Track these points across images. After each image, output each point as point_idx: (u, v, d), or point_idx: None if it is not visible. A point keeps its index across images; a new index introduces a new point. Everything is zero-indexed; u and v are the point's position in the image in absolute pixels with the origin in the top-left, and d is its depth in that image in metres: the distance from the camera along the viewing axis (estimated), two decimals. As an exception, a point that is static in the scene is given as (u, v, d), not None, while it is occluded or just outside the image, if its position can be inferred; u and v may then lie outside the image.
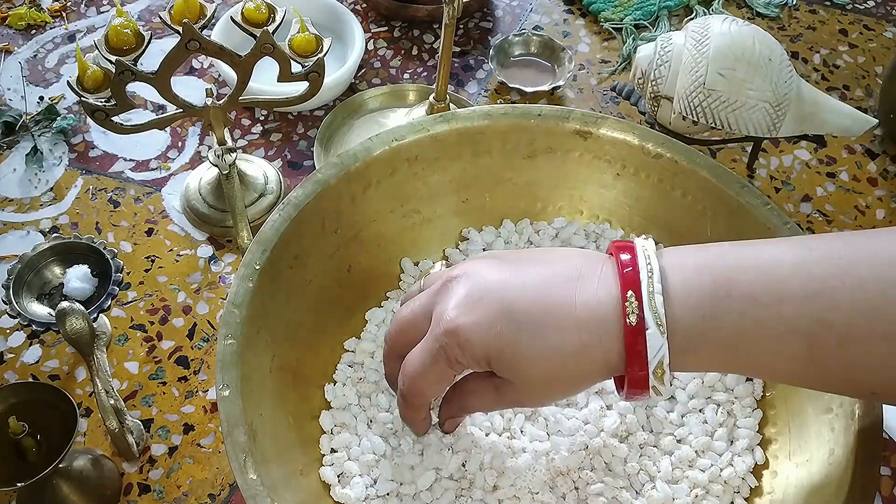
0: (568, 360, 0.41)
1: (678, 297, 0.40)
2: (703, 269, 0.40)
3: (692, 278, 0.40)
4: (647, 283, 0.40)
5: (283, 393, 0.53)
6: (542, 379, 0.42)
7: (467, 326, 0.41)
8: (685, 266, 0.41)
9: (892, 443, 0.61)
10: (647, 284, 0.40)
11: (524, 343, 0.41)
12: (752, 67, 0.67)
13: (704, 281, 0.40)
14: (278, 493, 0.45)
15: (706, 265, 0.41)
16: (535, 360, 0.41)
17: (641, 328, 0.39)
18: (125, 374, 0.63)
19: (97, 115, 0.60)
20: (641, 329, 0.39)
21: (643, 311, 0.40)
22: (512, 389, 0.43)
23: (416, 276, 0.62)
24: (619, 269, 0.41)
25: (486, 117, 0.61)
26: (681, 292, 0.40)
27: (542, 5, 0.93)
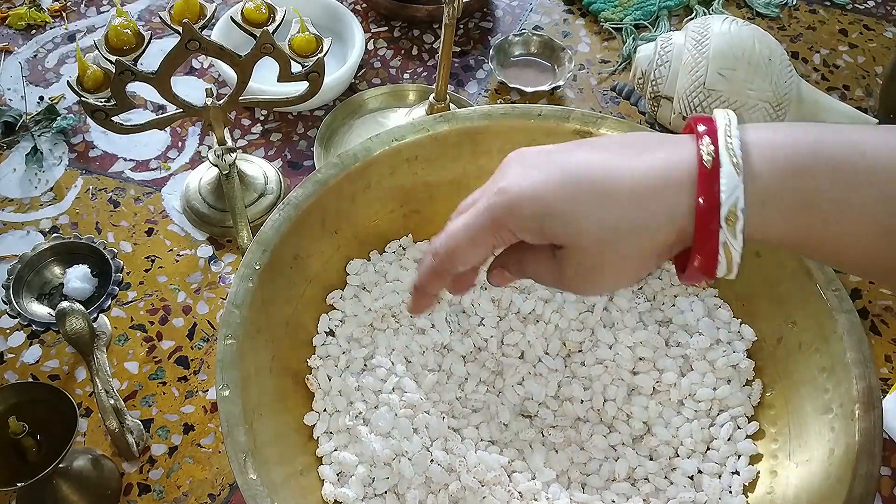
0: (631, 225, 0.37)
1: (757, 149, 0.37)
2: (786, 131, 0.38)
3: (773, 137, 0.37)
4: (724, 130, 0.37)
5: (283, 393, 0.53)
6: (598, 249, 0.38)
7: (520, 185, 0.39)
8: (767, 128, 0.38)
9: (892, 443, 0.61)
10: (725, 131, 0.37)
11: (583, 203, 0.38)
12: (752, 67, 0.67)
13: (786, 140, 0.37)
14: (278, 493, 0.45)
15: (790, 130, 0.38)
16: (595, 224, 0.38)
17: (716, 168, 0.36)
18: (125, 374, 0.63)
19: (97, 115, 0.60)
20: (716, 169, 0.36)
21: (718, 153, 0.36)
22: (568, 261, 0.40)
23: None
24: (695, 127, 0.38)
25: (486, 117, 0.61)
26: (761, 145, 0.37)
27: (542, 5, 0.93)
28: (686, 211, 0.37)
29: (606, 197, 0.38)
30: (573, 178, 0.38)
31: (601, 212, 0.38)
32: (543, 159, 0.40)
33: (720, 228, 0.36)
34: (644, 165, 0.38)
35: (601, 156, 0.39)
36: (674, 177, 0.37)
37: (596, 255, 0.39)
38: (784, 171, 0.37)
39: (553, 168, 0.39)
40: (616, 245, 0.38)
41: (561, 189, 0.38)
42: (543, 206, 0.38)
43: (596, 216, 0.38)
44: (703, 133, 0.38)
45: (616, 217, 0.38)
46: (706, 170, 0.37)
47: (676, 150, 0.38)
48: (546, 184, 0.38)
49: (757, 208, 0.37)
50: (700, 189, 0.37)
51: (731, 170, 0.36)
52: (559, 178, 0.38)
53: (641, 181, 0.37)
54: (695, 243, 0.37)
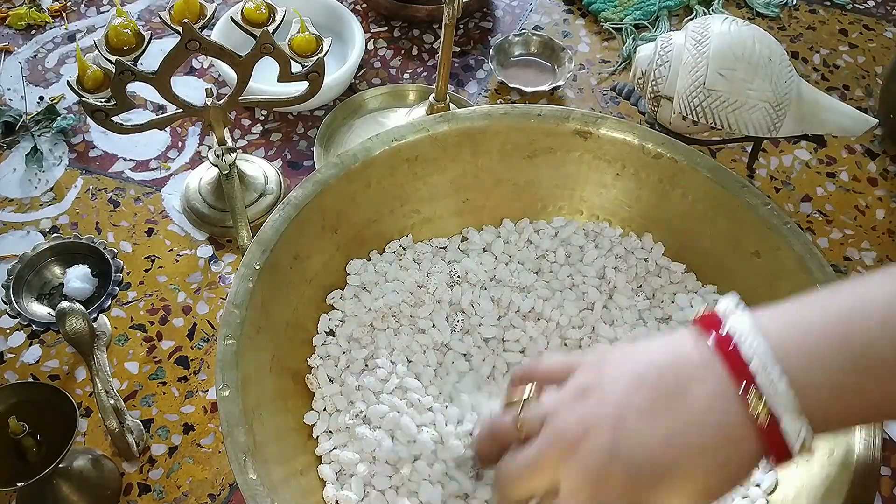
0: (715, 479, 0.39)
1: (800, 372, 0.37)
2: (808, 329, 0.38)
3: (805, 342, 0.38)
4: (762, 371, 0.37)
5: (283, 393, 0.53)
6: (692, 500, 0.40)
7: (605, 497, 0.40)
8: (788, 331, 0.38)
9: (892, 443, 0.61)
10: (763, 371, 0.37)
11: (664, 488, 0.39)
12: (752, 67, 0.67)
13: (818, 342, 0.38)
14: (278, 493, 0.45)
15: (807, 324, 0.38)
16: (677, 495, 0.39)
17: (775, 423, 0.37)
18: (125, 374, 0.63)
19: (97, 115, 0.60)
20: (775, 423, 0.37)
21: (768, 404, 0.37)
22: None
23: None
24: (721, 356, 0.39)
25: (486, 117, 0.61)
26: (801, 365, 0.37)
27: (542, 5, 0.93)
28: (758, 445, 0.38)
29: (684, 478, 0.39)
30: (642, 476, 0.39)
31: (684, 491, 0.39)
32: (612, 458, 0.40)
33: (793, 455, 0.38)
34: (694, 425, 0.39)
35: (652, 433, 0.39)
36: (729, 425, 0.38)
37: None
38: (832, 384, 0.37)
39: (623, 470, 0.39)
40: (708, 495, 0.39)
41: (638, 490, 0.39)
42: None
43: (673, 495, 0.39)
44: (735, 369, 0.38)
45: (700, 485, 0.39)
46: (763, 427, 0.37)
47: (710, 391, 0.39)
48: (622, 489, 0.39)
49: (821, 425, 0.38)
50: (764, 441, 0.38)
51: (790, 418, 0.37)
52: (630, 483, 0.39)
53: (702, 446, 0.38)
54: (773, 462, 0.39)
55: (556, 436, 0.42)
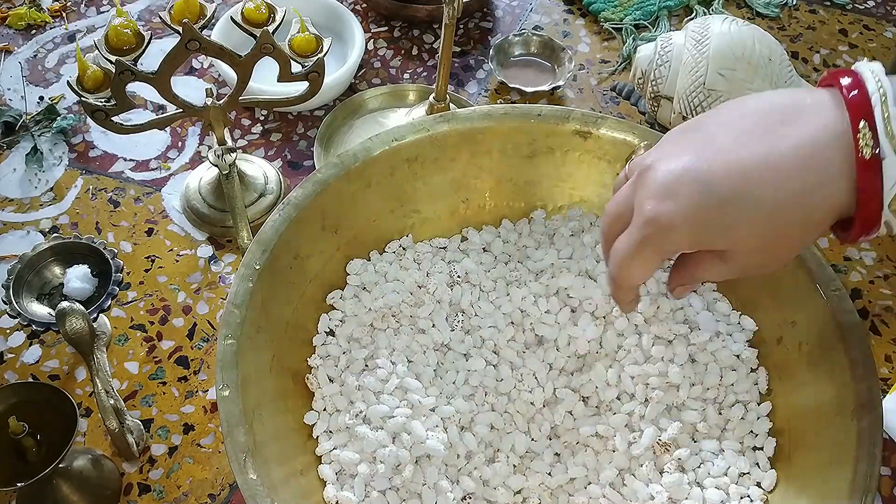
0: (785, 216, 0.37)
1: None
2: None
3: None
4: (880, 108, 0.35)
5: (283, 393, 0.53)
6: (762, 244, 0.39)
7: (667, 214, 0.39)
8: None
9: (892, 443, 0.61)
10: (882, 109, 0.35)
11: (731, 215, 0.38)
12: (752, 67, 0.67)
13: None
14: (278, 493, 0.45)
15: None
16: (749, 228, 0.38)
17: (877, 161, 0.35)
18: (125, 374, 0.63)
19: (97, 115, 0.60)
20: (878, 162, 0.35)
21: (878, 140, 0.35)
22: (736, 258, 0.40)
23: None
24: (844, 95, 0.37)
25: (486, 117, 0.61)
26: None
27: (542, 5, 0.93)
28: (844, 199, 0.37)
29: (754, 204, 0.38)
30: (716, 196, 0.38)
31: (752, 220, 0.38)
32: (682, 174, 0.39)
33: (883, 213, 0.36)
34: (786, 150, 0.37)
35: (737, 154, 0.38)
36: (823, 161, 0.36)
37: (760, 251, 0.39)
38: None
39: (693, 188, 0.39)
40: (777, 236, 0.38)
41: (707, 212, 0.38)
42: (695, 233, 0.39)
43: (747, 226, 0.38)
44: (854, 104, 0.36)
45: (771, 216, 0.38)
46: (865, 161, 0.36)
47: (819, 124, 0.37)
48: (690, 209, 0.39)
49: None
50: (860, 178, 0.36)
51: (894, 158, 0.35)
52: (699, 202, 0.38)
53: (787, 173, 0.37)
54: (856, 227, 0.37)
55: (639, 163, 0.42)
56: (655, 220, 0.40)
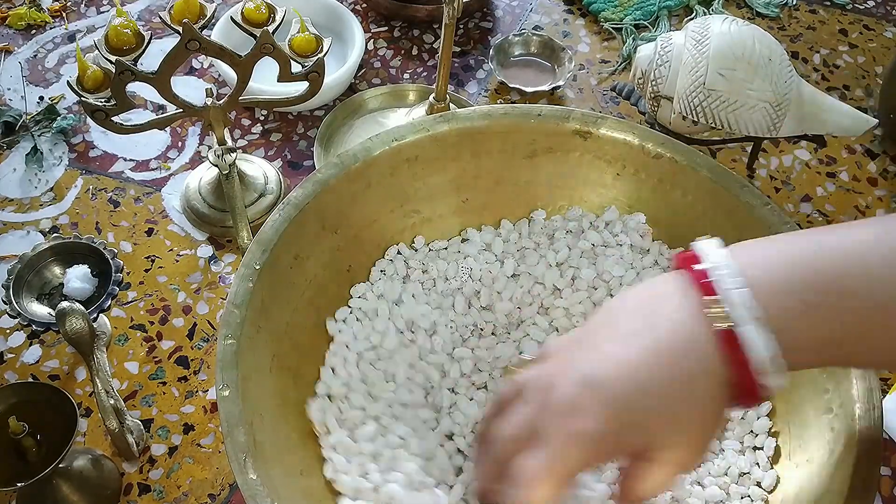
0: (680, 400, 0.39)
1: (764, 289, 0.38)
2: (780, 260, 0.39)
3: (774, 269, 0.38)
4: (725, 283, 0.38)
5: (283, 393, 0.53)
6: (674, 429, 0.40)
7: (583, 429, 0.40)
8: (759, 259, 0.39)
9: (892, 443, 0.61)
10: (724, 281, 0.38)
11: (638, 410, 0.39)
12: (752, 67, 0.67)
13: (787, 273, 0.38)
14: (278, 493, 0.45)
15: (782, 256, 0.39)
16: (657, 416, 0.39)
17: (731, 331, 0.37)
18: (125, 374, 0.63)
19: (97, 115, 0.60)
20: (731, 332, 0.37)
21: (727, 315, 0.38)
22: (661, 454, 0.41)
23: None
24: (692, 281, 0.39)
25: (486, 117, 0.61)
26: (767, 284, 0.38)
27: (542, 5, 0.93)
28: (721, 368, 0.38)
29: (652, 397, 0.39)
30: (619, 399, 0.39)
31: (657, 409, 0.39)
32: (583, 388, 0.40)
33: (757, 380, 0.38)
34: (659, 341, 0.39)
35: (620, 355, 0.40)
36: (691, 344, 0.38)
37: (679, 440, 0.40)
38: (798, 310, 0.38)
39: (597, 398, 0.39)
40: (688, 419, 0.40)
41: (617, 416, 0.39)
42: (614, 438, 0.40)
43: (655, 415, 0.39)
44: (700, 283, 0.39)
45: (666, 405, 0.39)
46: (721, 332, 0.38)
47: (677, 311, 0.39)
48: (602, 419, 0.39)
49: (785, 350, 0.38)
50: (721, 350, 0.38)
51: (751, 328, 0.37)
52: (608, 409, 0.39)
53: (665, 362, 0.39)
54: (738, 393, 0.39)
55: (534, 384, 0.42)
56: (572, 437, 0.40)
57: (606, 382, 0.39)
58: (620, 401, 0.39)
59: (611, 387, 0.39)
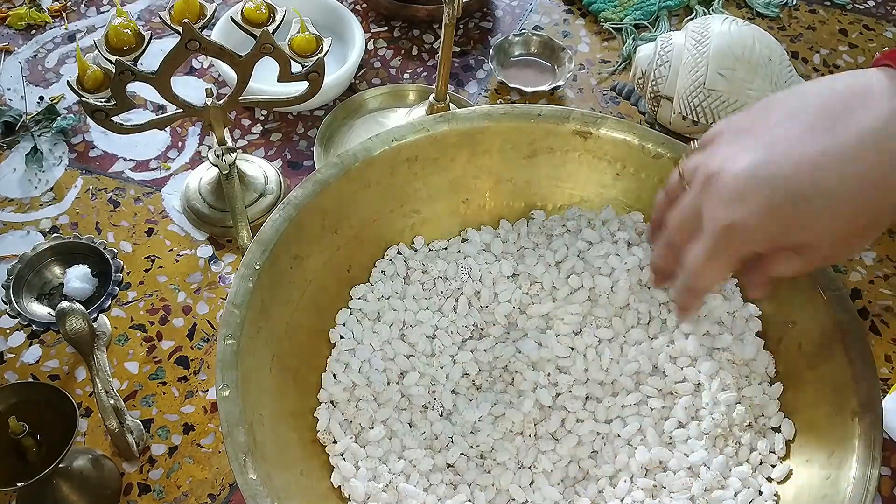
0: (860, 204, 0.37)
1: None
2: None
3: None
4: None
5: (283, 393, 0.53)
6: (839, 235, 0.39)
7: (742, 220, 0.39)
8: None
9: (892, 443, 0.61)
10: None
11: (806, 211, 0.38)
12: (752, 67, 0.67)
13: None
14: (278, 494, 0.45)
15: None
16: (826, 222, 0.38)
17: None
18: (125, 374, 0.63)
19: (97, 115, 0.60)
20: None
21: None
22: (813, 251, 0.40)
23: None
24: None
25: (486, 117, 0.61)
26: None
27: (542, 5, 0.93)
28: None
29: (828, 197, 0.37)
30: (788, 195, 0.38)
31: (828, 214, 0.38)
32: (751, 177, 0.39)
33: None
34: (854, 139, 0.37)
35: (804, 148, 0.37)
36: (893, 144, 0.36)
37: (840, 241, 0.39)
38: None
39: (764, 190, 0.38)
40: (855, 224, 0.38)
41: (781, 212, 0.38)
42: (772, 235, 0.39)
43: (823, 221, 0.38)
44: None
45: (842, 209, 0.37)
46: None
47: (885, 107, 0.37)
48: (764, 212, 0.38)
49: None
50: None
51: None
52: (772, 203, 0.38)
53: (857, 162, 0.37)
54: None
55: (702, 170, 0.41)
56: (731, 227, 0.39)
57: (778, 176, 0.38)
58: (789, 199, 0.38)
59: (782, 181, 0.38)
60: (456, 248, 0.62)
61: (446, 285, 0.60)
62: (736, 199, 0.39)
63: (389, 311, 0.59)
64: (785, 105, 0.41)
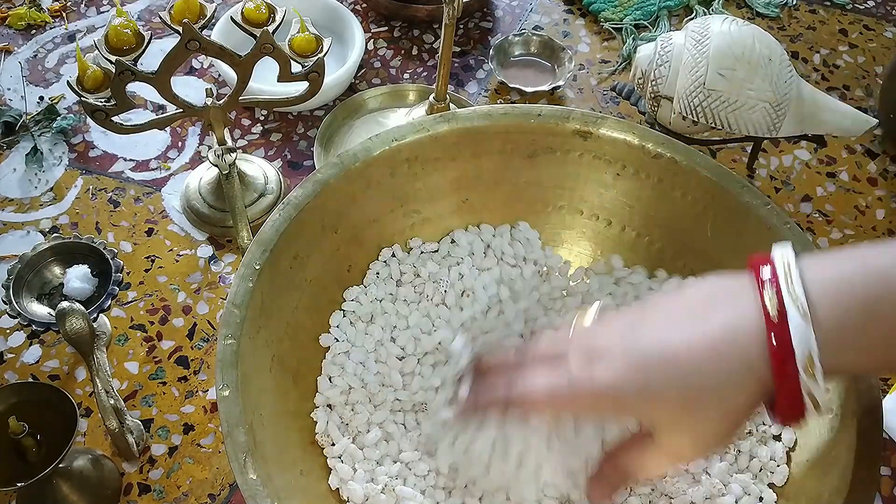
0: (702, 399, 0.39)
1: (822, 292, 0.37)
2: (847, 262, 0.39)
3: (836, 271, 0.38)
4: (785, 277, 0.38)
5: (283, 393, 0.53)
6: (683, 421, 0.40)
7: (598, 371, 0.40)
8: (829, 261, 0.39)
9: (892, 443, 0.61)
10: (786, 277, 0.38)
11: (654, 384, 0.39)
12: (752, 67, 0.67)
13: (850, 273, 0.38)
14: (278, 494, 0.45)
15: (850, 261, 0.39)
16: (669, 402, 0.39)
17: (783, 320, 0.37)
18: (125, 374, 0.63)
19: (97, 115, 0.60)
20: (784, 321, 0.37)
21: (783, 304, 0.37)
22: (663, 437, 0.41)
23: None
24: (756, 273, 0.39)
25: (486, 117, 0.61)
26: (825, 285, 0.38)
27: (542, 5, 0.93)
28: (763, 364, 0.38)
29: (683, 375, 0.39)
30: (642, 365, 0.39)
31: (673, 395, 0.39)
32: (616, 343, 0.41)
33: (800, 377, 0.37)
34: (712, 330, 0.39)
35: (665, 334, 0.40)
36: (741, 337, 0.38)
37: (684, 433, 0.40)
38: (853, 312, 0.37)
39: (624, 354, 0.40)
40: (703, 413, 0.39)
41: (633, 376, 0.39)
42: (619, 393, 0.40)
43: (668, 399, 0.39)
44: (764, 280, 0.39)
45: (696, 388, 0.39)
46: (773, 324, 0.37)
47: (739, 306, 0.39)
48: (619, 370, 0.40)
49: (832, 352, 0.37)
50: (770, 344, 0.37)
51: (799, 321, 0.37)
52: (627, 366, 0.40)
53: (705, 358, 0.39)
54: (777, 396, 0.38)
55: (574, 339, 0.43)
56: (588, 379, 0.40)
57: (639, 347, 0.40)
58: (649, 372, 0.39)
59: (645, 358, 0.39)
60: (446, 249, 0.62)
61: (436, 287, 0.60)
62: (603, 357, 0.40)
63: (382, 313, 0.59)
64: (665, 297, 0.43)
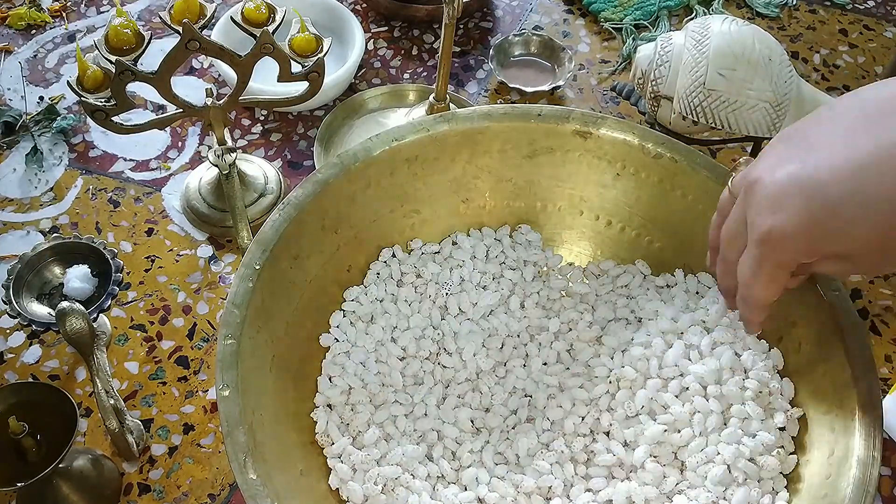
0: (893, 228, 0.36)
1: None
2: None
3: None
4: None
5: (283, 393, 0.53)
6: (881, 243, 0.37)
7: (779, 227, 0.38)
8: None
9: (892, 443, 0.61)
10: None
11: (844, 218, 0.37)
12: (752, 67, 0.67)
13: None
14: (278, 493, 0.45)
15: None
16: (865, 229, 0.37)
17: None
18: (125, 374, 0.63)
19: (97, 115, 0.60)
20: None
21: None
22: (856, 259, 0.39)
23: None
24: None
25: (486, 117, 0.61)
26: None
27: (542, 5, 0.93)
28: None
29: (867, 203, 0.36)
30: (826, 202, 0.37)
31: (867, 220, 0.37)
32: (787, 185, 0.39)
33: None
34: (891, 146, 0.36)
35: (842, 154, 0.37)
36: None
37: (880, 251, 0.38)
38: None
39: (800, 197, 0.38)
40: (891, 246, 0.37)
41: (819, 219, 0.38)
42: (811, 242, 0.38)
43: (862, 227, 0.37)
44: None
45: (882, 215, 0.36)
46: None
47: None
48: (801, 219, 0.38)
49: None
50: None
51: None
52: (809, 210, 0.38)
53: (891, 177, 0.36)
54: None
55: (746, 179, 0.41)
56: (769, 236, 0.39)
57: (815, 183, 0.37)
58: (826, 207, 0.37)
59: (819, 189, 0.37)
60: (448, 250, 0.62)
61: (437, 289, 0.60)
62: (773, 207, 0.39)
63: (383, 314, 0.59)
64: (828, 112, 0.40)
